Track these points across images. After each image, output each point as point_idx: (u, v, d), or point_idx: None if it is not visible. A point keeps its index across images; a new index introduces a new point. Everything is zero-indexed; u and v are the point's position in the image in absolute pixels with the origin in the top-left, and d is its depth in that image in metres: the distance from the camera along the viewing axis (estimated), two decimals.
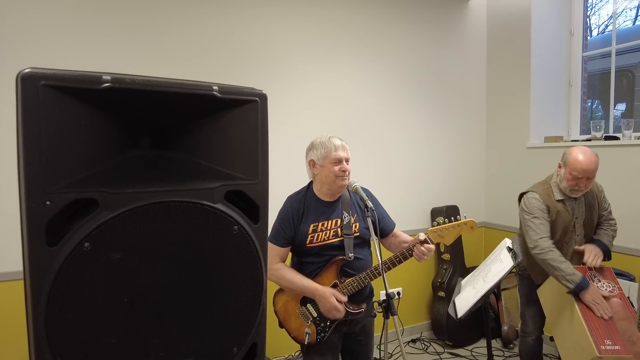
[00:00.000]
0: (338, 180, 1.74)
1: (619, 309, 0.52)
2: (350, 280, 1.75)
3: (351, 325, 1.86)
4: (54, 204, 0.68)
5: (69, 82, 0.68)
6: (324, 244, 1.77)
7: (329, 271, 1.77)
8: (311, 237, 1.76)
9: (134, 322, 0.76)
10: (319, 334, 1.78)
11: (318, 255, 1.78)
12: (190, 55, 2.56)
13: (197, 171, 0.84)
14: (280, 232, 1.77)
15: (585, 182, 2.05)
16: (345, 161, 1.76)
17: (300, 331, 1.79)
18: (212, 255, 0.83)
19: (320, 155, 1.76)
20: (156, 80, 0.78)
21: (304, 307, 1.80)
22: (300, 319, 1.80)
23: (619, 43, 3.12)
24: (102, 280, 0.73)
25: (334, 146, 1.75)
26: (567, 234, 2.17)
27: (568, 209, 2.15)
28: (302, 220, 1.77)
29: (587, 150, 2.06)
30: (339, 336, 1.86)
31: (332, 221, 1.79)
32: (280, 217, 1.79)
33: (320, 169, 1.77)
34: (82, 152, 0.73)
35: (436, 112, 3.51)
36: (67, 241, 0.70)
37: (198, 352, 0.84)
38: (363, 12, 3.13)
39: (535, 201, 2.15)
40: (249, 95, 0.86)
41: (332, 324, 1.78)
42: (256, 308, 0.91)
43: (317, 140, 1.80)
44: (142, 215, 0.76)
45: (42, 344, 0.68)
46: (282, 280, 1.76)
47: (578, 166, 2.02)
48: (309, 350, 1.80)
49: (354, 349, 1.94)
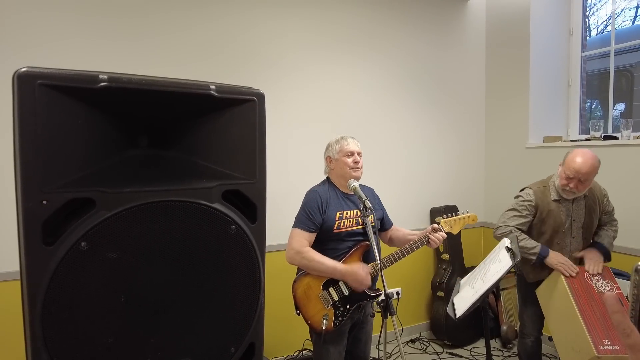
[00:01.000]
0: (351, 171, 1.89)
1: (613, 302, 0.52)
2: (374, 264, 1.85)
3: (357, 319, 1.96)
4: (51, 204, 0.68)
5: (65, 81, 0.68)
6: (349, 230, 1.89)
7: (354, 255, 1.87)
8: (338, 223, 1.87)
9: (131, 321, 0.76)
10: (337, 317, 1.84)
11: (341, 241, 1.88)
12: (188, 58, 2.56)
13: (195, 170, 0.84)
14: (310, 218, 1.85)
15: (577, 184, 2.02)
16: (358, 154, 1.93)
17: (318, 317, 1.84)
18: (209, 254, 0.83)
19: (335, 150, 1.95)
20: (153, 79, 0.78)
21: (325, 291, 1.86)
22: (320, 304, 1.85)
23: (618, 43, 3.12)
24: (99, 279, 0.73)
25: (347, 142, 1.95)
26: (559, 234, 2.16)
27: (562, 209, 2.15)
28: (328, 208, 1.88)
29: (588, 153, 2.03)
30: (348, 328, 1.93)
31: (354, 211, 1.92)
32: (307, 206, 1.88)
33: (335, 163, 1.94)
34: (79, 152, 0.73)
35: (435, 112, 3.51)
36: (64, 241, 0.70)
37: (195, 352, 0.84)
38: (362, 13, 3.13)
39: (525, 196, 2.20)
40: (246, 95, 0.86)
41: (351, 308, 1.86)
42: (254, 307, 0.91)
43: (332, 140, 2.00)
44: (139, 215, 0.76)
45: (39, 344, 0.68)
46: (312, 262, 1.81)
47: (572, 166, 2.01)
48: (325, 339, 1.85)
49: (356, 337, 2.00)
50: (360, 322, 1.99)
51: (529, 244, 2.12)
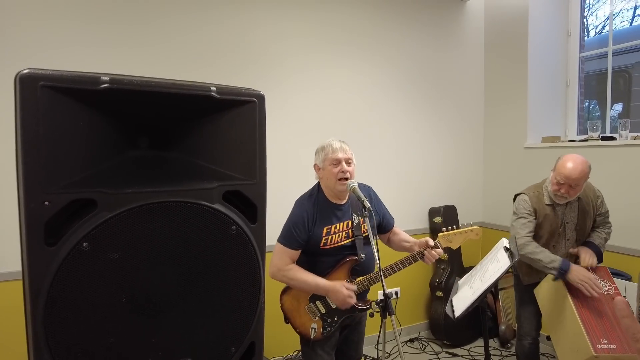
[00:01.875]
0: (338, 184, 1.75)
1: (623, 307, 0.53)
2: (361, 279, 1.80)
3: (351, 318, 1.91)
4: (53, 204, 0.68)
5: (67, 83, 0.69)
6: (337, 246, 1.79)
7: (341, 270, 1.80)
8: (325, 239, 1.77)
9: (133, 321, 0.77)
10: (325, 329, 1.82)
11: (331, 255, 1.80)
12: (189, 62, 2.55)
13: (195, 171, 0.84)
14: (294, 235, 1.77)
15: (568, 189, 2.03)
16: (346, 162, 1.76)
17: (307, 326, 1.82)
18: (210, 255, 0.84)
19: (321, 158, 1.79)
20: (154, 81, 0.78)
21: (312, 304, 1.83)
22: (307, 315, 1.83)
23: (616, 44, 3.13)
24: (101, 280, 0.73)
25: (332, 148, 1.77)
26: (554, 237, 2.18)
27: (558, 213, 2.17)
28: (315, 224, 1.77)
29: (578, 158, 2.03)
30: (339, 328, 1.89)
31: (344, 223, 1.82)
32: (293, 221, 1.80)
33: (322, 172, 1.80)
34: (81, 153, 0.73)
35: (434, 112, 3.52)
36: (66, 241, 0.70)
37: (196, 352, 0.85)
38: (361, 15, 3.14)
39: (524, 202, 2.19)
40: (246, 96, 0.86)
41: (339, 320, 1.83)
42: (254, 308, 0.91)
43: (319, 145, 1.83)
44: (140, 216, 0.76)
45: (41, 344, 0.68)
46: (294, 281, 1.77)
47: (562, 172, 2.02)
48: (314, 345, 1.84)
49: (345, 341, 1.97)
50: (353, 322, 1.94)
51: (546, 257, 2.01)
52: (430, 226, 3.49)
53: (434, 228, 3.45)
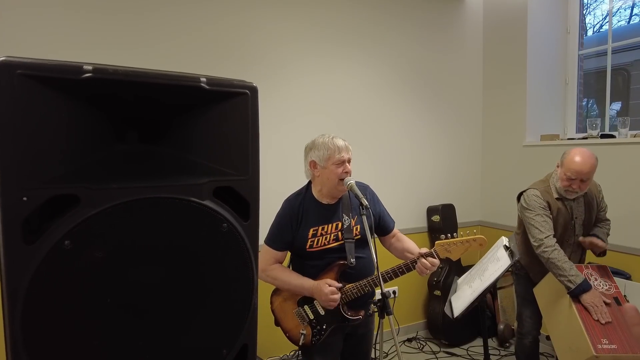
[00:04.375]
0: (340, 184, 1.69)
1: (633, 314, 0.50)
2: (350, 287, 1.71)
3: (354, 328, 1.82)
4: (31, 200, 0.64)
5: (47, 72, 0.65)
6: (324, 249, 1.72)
7: (328, 275, 1.72)
8: (311, 241, 1.71)
9: (118, 323, 0.73)
10: (314, 336, 1.75)
11: (320, 258, 1.73)
12: (182, 54, 2.52)
13: (185, 166, 0.81)
14: (278, 236, 1.73)
15: (579, 184, 2.01)
16: (348, 162, 1.71)
17: (296, 331, 1.76)
18: (200, 253, 0.80)
19: (322, 156, 1.68)
20: (142, 71, 0.74)
21: (300, 308, 1.77)
22: (296, 319, 1.77)
23: (615, 42, 3.11)
24: (84, 280, 0.69)
25: (338, 148, 1.68)
26: (567, 232, 2.16)
27: (568, 207, 2.14)
28: (301, 225, 1.71)
29: (585, 152, 2.02)
30: (341, 337, 1.82)
31: (332, 225, 1.74)
32: (278, 221, 1.75)
33: (322, 170, 1.70)
34: (63, 146, 0.69)
35: (432, 110, 3.49)
36: (46, 239, 0.66)
37: (186, 355, 0.81)
38: (358, 13, 3.11)
39: (537, 198, 2.12)
40: (238, 88, 0.83)
41: (329, 328, 1.75)
42: (246, 308, 0.88)
43: (319, 140, 1.72)
44: (126, 212, 0.72)
45: (19, 348, 0.64)
46: (277, 281, 1.73)
47: (572, 167, 1.99)
48: (310, 350, 1.77)
49: (353, 352, 1.90)
50: (357, 333, 1.85)
51: (572, 271, 1.95)
52: (429, 225, 3.47)
53: (432, 227, 3.42)
